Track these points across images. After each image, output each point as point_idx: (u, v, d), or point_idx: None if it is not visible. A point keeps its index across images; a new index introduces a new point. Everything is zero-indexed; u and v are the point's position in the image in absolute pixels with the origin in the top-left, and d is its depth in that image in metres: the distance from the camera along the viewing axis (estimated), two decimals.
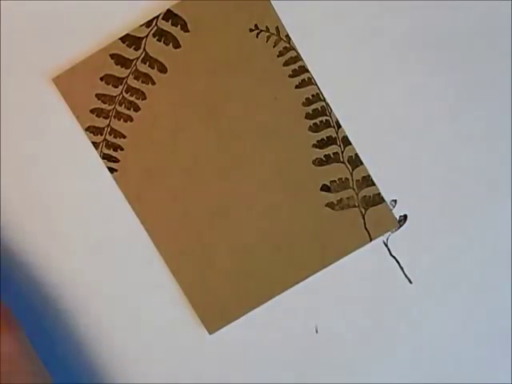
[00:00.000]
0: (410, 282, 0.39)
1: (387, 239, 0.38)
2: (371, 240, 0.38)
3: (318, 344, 0.38)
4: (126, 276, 0.37)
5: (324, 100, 0.38)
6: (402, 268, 0.39)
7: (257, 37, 0.37)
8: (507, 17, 0.38)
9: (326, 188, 0.38)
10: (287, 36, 0.37)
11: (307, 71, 0.38)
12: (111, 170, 0.37)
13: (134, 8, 0.37)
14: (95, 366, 0.37)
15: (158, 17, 0.37)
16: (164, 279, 0.37)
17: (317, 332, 0.38)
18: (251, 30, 0.37)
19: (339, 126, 0.38)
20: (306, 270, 0.38)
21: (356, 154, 0.38)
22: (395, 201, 0.39)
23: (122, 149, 0.37)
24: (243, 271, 0.38)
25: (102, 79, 0.37)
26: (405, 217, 0.39)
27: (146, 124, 0.37)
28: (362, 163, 0.38)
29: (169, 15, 0.37)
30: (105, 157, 0.37)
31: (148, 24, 0.37)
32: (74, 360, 0.37)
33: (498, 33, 0.38)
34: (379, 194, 0.38)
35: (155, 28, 0.37)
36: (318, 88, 0.38)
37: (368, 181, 0.38)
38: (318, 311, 0.38)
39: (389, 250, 0.38)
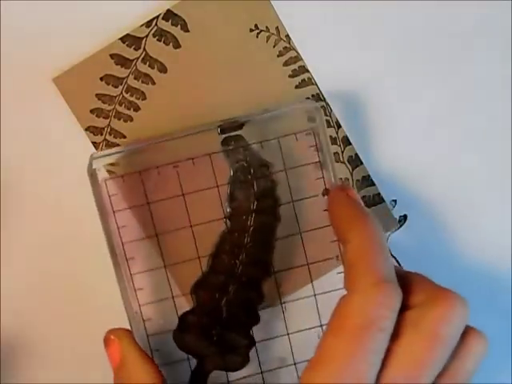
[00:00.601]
0: None
1: (387, 239, 0.38)
2: None
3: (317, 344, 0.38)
4: None
5: (324, 100, 0.38)
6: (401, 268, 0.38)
7: (257, 37, 0.37)
8: (507, 17, 0.38)
9: (327, 192, 0.37)
10: (287, 36, 0.37)
11: (307, 71, 0.38)
12: None
13: (134, 8, 0.37)
14: None
15: (158, 17, 0.37)
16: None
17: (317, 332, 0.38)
18: (251, 30, 0.37)
19: (339, 126, 0.38)
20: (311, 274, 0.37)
21: (356, 154, 0.38)
22: (395, 201, 0.39)
23: None
24: None
25: (102, 79, 0.37)
26: (405, 217, 0.39)
27: (146, 124, 0.37)
28: (362, 163, 0.38)
29: (169, 15, 0.37)
30: None
31: (148, 24, 0.37)
32: None
33: (498, 33, 0.39)
34: (379, 194, 0.38)
35: (155, 28, 0.37)
36: (318, 88, 0.38)
37: (368, 181, 0.38)
38: (319, 311, 0.38)
39: (389, 249, 0.38)
